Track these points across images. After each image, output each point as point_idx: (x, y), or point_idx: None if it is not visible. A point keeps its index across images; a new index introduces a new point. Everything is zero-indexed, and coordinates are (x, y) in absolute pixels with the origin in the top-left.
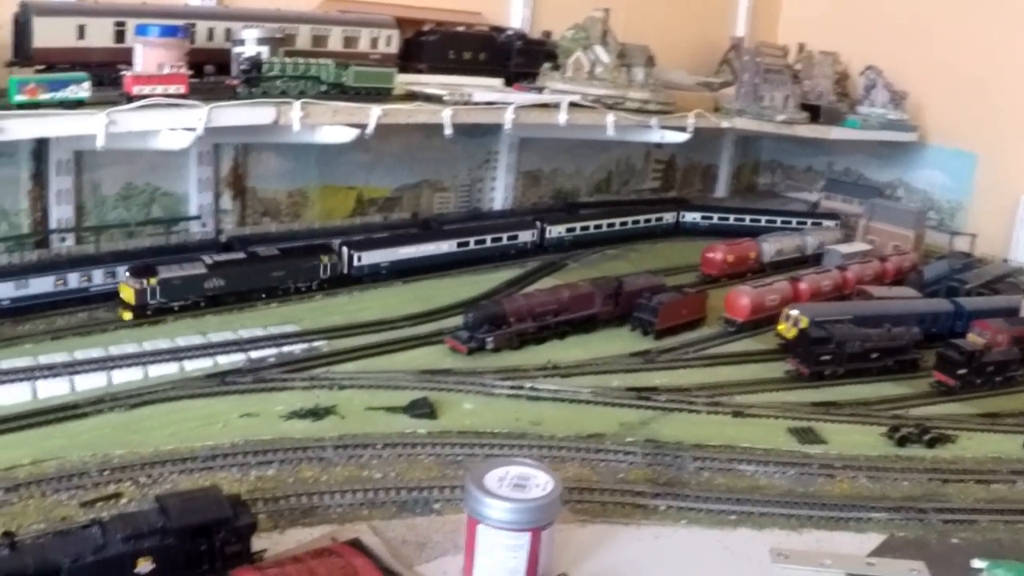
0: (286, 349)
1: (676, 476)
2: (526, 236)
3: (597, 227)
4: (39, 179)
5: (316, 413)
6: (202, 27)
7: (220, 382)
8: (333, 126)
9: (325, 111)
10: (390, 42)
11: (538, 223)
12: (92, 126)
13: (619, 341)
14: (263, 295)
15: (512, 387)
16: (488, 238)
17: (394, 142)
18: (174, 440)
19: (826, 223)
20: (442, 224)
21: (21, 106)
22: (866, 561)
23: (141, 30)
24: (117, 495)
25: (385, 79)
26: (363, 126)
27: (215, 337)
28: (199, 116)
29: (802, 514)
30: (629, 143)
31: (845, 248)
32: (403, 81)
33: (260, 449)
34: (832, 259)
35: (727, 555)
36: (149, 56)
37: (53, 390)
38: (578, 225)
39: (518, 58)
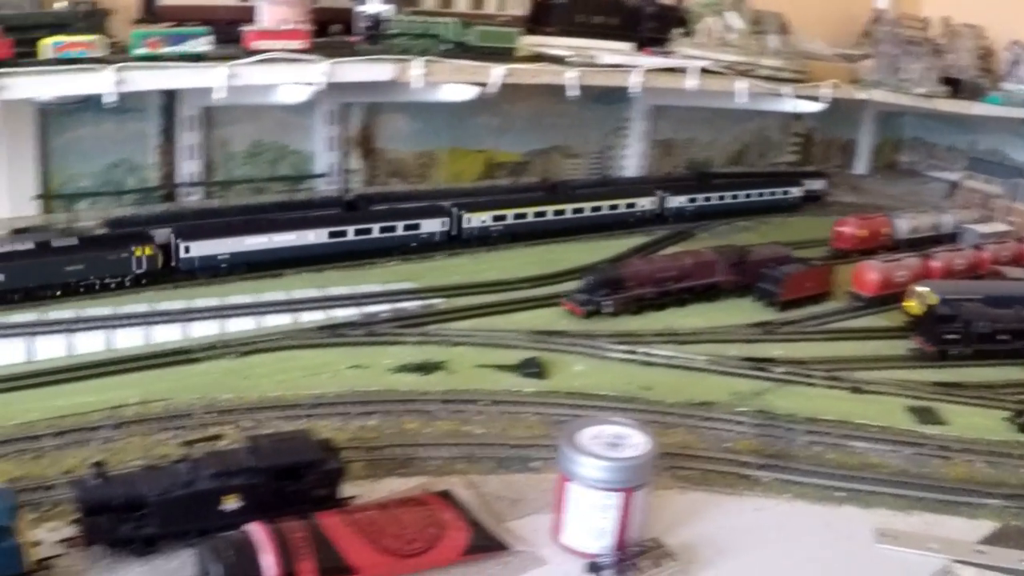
0: (401, 305)
1: (784, 448)
2: (644, 204)
3: (720, 198)
4: (168, 134)
5: (425, 367)
6: None
7: (331, 334)
8: (454, 84)
9: (446, 69)
10: (518, 4)
11: (658, 192)
12: (213, 79)
13: (740, 311)
14: (57, 292)
15: (626, 351)
16: (605, 205)
17: (524, 106)
18: (281, 387)
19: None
20: (571, 189)
21: (143, 59)
22: (975, 548)
23: None
24: (217, 436)
25: (507, 39)
26: (485, 85)
27: (331, 291)
28: (318, 70)
29: (913, 495)
30: (766, 114)
31: (983, 228)
32: (530, 44)
33: (364, 400)
34: (969, 238)
35: (829, 532)
36: (272, 13)
37: (167, 335)
38: (700, 196)
39: (649, 23)
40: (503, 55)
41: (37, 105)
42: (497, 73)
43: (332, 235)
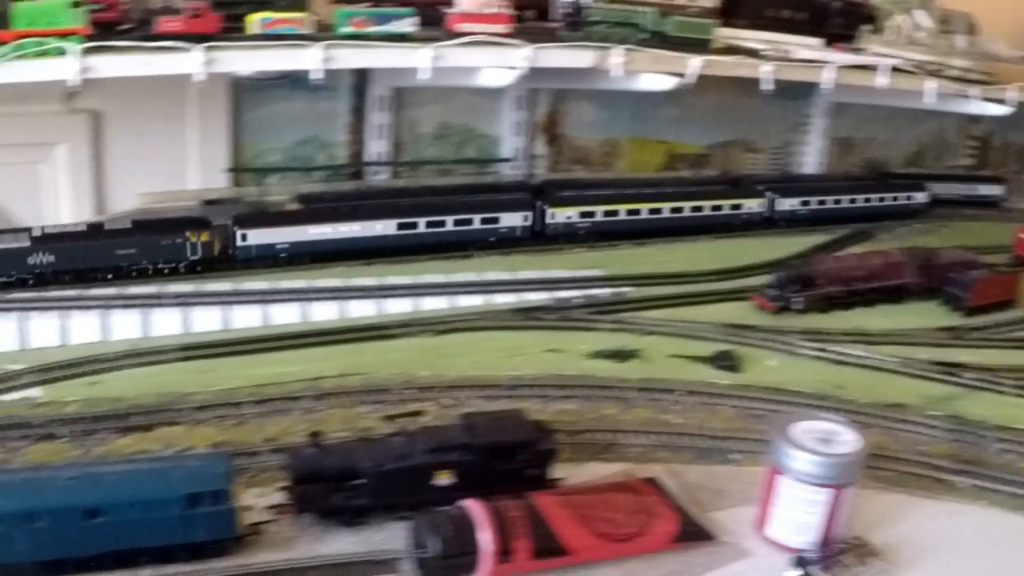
0: (592, 292)
1: (978, 455)
2: (752, 206)
3: (836, 202)
4: (358, 113)
5: (620, 355)
6: None
7: (525, 317)
8: (653, 74)
9: (645, 58)
10: None
11: (767, 193)
12: (418, 59)
13: (926, 314)
14: (109, 276)
15: (816, 349)
16: (707, 206)
17: (707, 98)
18: (478, 367)
19: None
20: (753, 183)
21: (348, 37)
22: None
23: None
24: (418, 413)
25: (704, 30)
26: (680, 76)
27: (522, 274)
28: (521, 55)
29: None
30: (944, 116)
31: None
32: (720, 35)
33: (563, 383)
34: None
35: None
36: None
37: (362, 310)
38: (814, 199)
39: (836, 19)
40: (699, 46)
41: (232, 79)
42: (695, 64)
43: (401, 227)
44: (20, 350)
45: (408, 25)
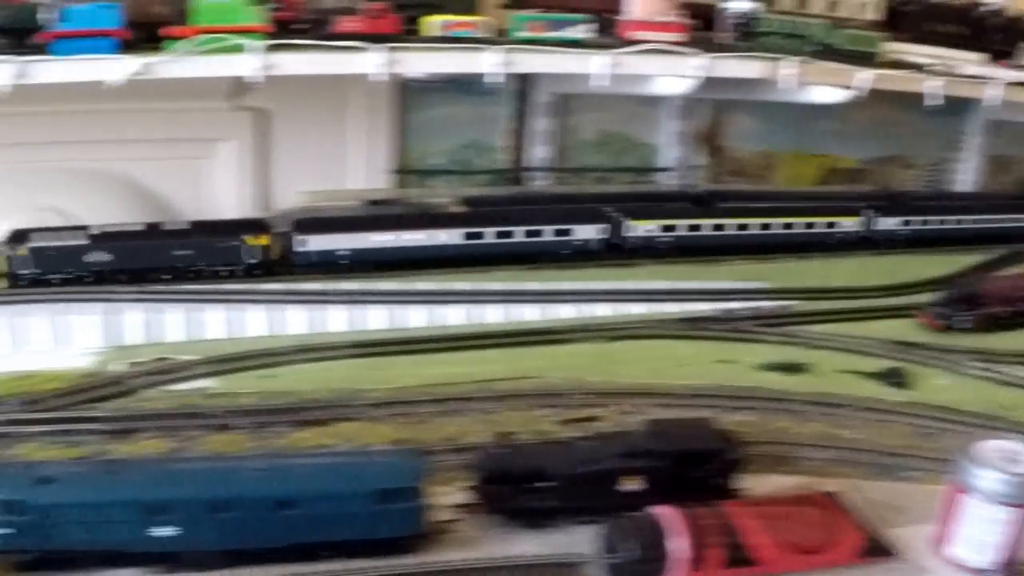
0: (757, 304)
1: None
2: (848, 225)
3: (942, 223)
4: (520, 119)
5: (789, 368)
6: None
7: (693, 327)
8: (823, 86)
9: (816, 70)
10: (873, 9)
11: (868, 212)
12: (595, 65)
13: None
14: (167, 276)
15: (983, 368)
16: (802, 223)
17: (864, 113)
18: (650, 375)
19: None
20: (912, 200)
21: (525, 42)
22: None
23: None
24: (594, 418)
25: (872, 43)
26: (849, 88)
27: (687, 284)
28: (695, 64)
29: None
30: None
31: None
32: (883, 49)
33: (736, 394)
34: None
35: None
36: (643, 4)
37: (529, 314)
38: (917, 219)
39: (995, 34)
40: (866, 59)
41: (397, 82)
42: (864, 78)
43: (468, 236)
44: (191, 341)
45: (583, 31)
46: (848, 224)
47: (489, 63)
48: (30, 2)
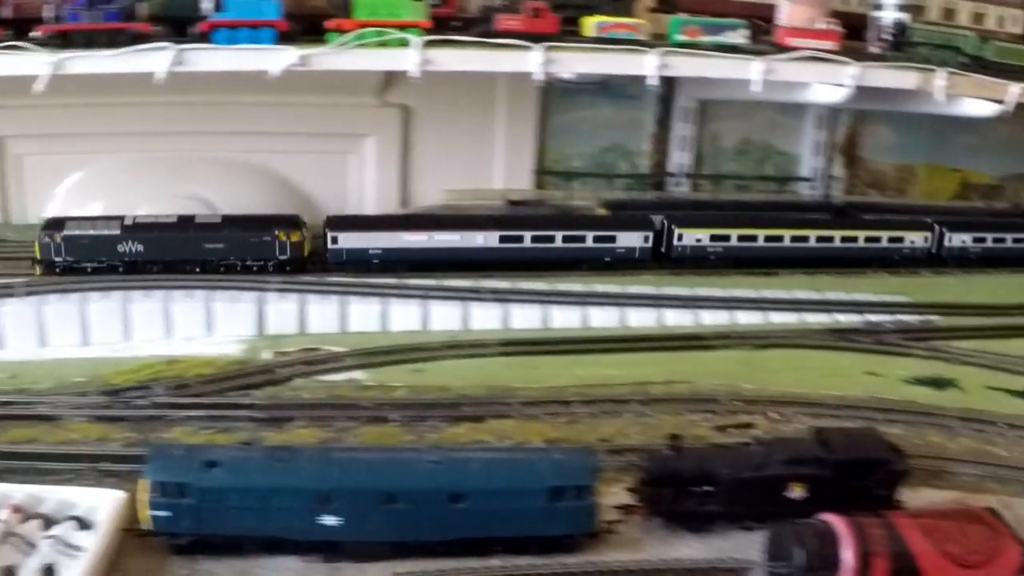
0: (900, 317)
1: None
2: (914, 240)
3: (1017, 240)
4: (663, 124)
5: (937, 383)
6: None
7: (840, 338)
8: (973, 99)
9: (967, 83)
10: (1016, 22)
11: (935, 227)
12: (751, 71)
13: None
14: (197, 268)
15: None
16: (861, 236)
17: (1001, 128)
18: (799, 384)
19: None
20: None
21: (681, 46)
22: None
23: None
24: (749, 425)
25: (1021, 57)
26: (999, 102)
27: (830, 295)
28: (850, 73)
29: None
30: None
31: None
32: None
33: (886, 407)
34: None
35: None
36: (796, 11)
37: (678, 319)
38: (990, 236)
39: None
40: (1017, 73)
41: (542, 82)
42: (1015, 92)
43: (504, 239)
44: (342, 333)
45: (740, 36)
46: (915, 239)
47: (647, 66)
48: None
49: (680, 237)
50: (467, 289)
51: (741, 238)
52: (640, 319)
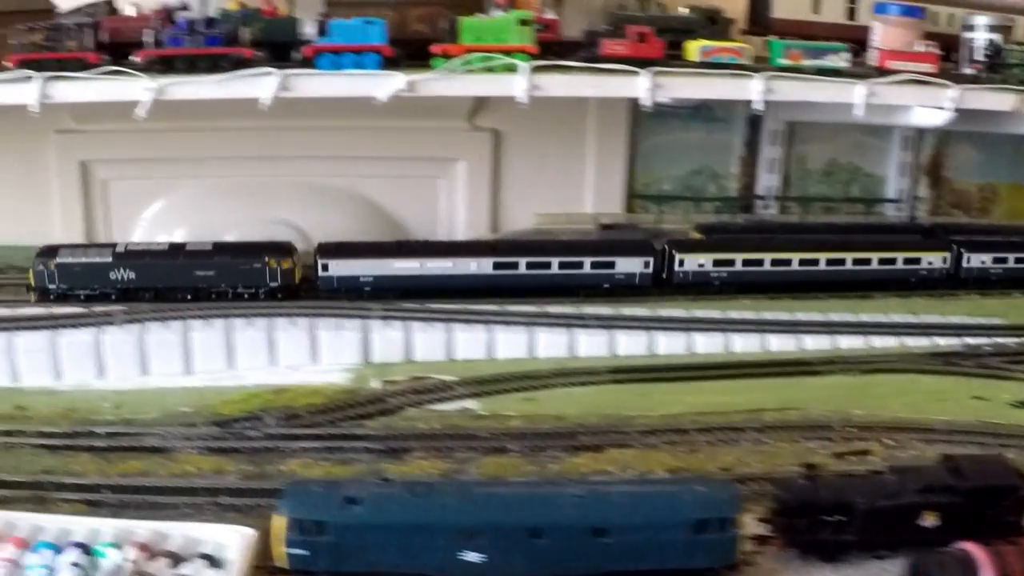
0: (999, 340)
1: None
2: (932, 261)
3: None
4: (752, 147)
5: None
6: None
7: (943, 362)
8: None
9: None
10: None
11: (953, 247)
12: (853, 95)
13: None
14: (188, 296)
15: None
16: (874, 258)
17: None
18: (908, 409)
19: None
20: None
21: (784, 69)
22: None
23: (880, 8)
24: (866, 452)
25: None
26: None
27: (927, 318)
28: (949, 96)
29: None
30: None
31: None
32: None
33: (997, 432)
34: None
35: None
36: (892, 34)
37: (781, 344)
38: (1012, 256)
39: None
40: None
41: (632, 106)
42: None
43: (498, 266)
44: (448, 360)
45: (841, 60)
46: (933, 260)
47: (752, 90)
48: (290, 15)
49: (681, 263)
50: (572, 315)
51: (746, 263)
52: (744, 344)
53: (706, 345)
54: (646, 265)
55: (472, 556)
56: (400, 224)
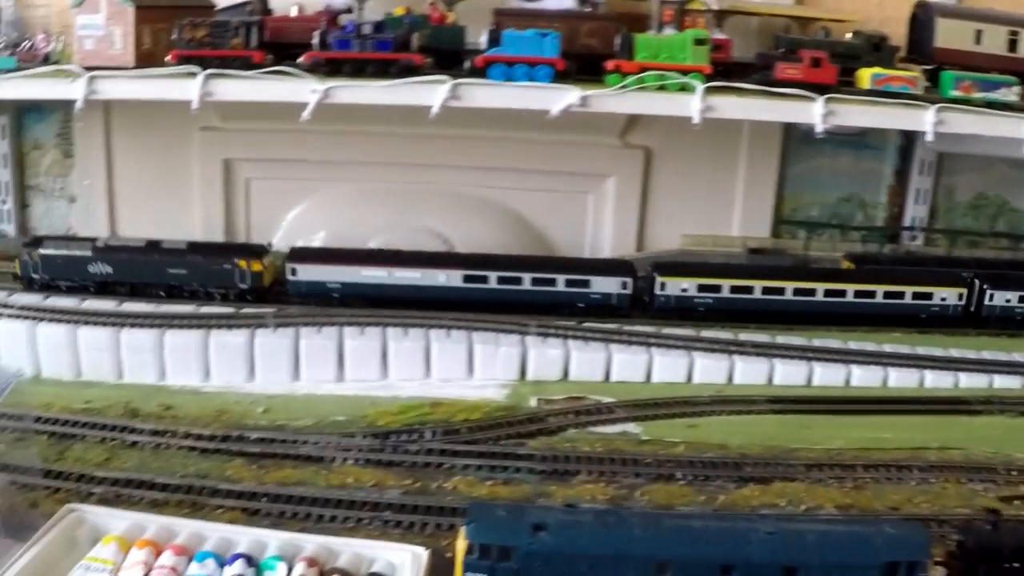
0: None
1: None
2: (946, 297)
3: None
4: (901, 176)
5: None
6: None
7: None
8: None
9: None
10: None
11: (973, 282)
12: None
13: None
14: (161, 292)
15: None
16: (879, 291)
17: None
18: None
19: None
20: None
21: (955, 101)
22: None
23: None
24: None
25: None
26: None
27: None
28: None
29: None
30: None
31: None
32: None
33: None
34: None
35: None
36: None
37: (936, 381)
38: None
39: None
40: None
41: (784, 130)
42: None
43: (468, 279)
44: (604, 382)
45: (1012, 94)
46: (947, 296)
47: (928, 122)
48: (458, 24)
49: (663, 286)
50: (730, 342)
51: (734, 289)
52: (899, 379)
53: (861, 378)
54: (623, 286)
55: None
56: (546, 239)
